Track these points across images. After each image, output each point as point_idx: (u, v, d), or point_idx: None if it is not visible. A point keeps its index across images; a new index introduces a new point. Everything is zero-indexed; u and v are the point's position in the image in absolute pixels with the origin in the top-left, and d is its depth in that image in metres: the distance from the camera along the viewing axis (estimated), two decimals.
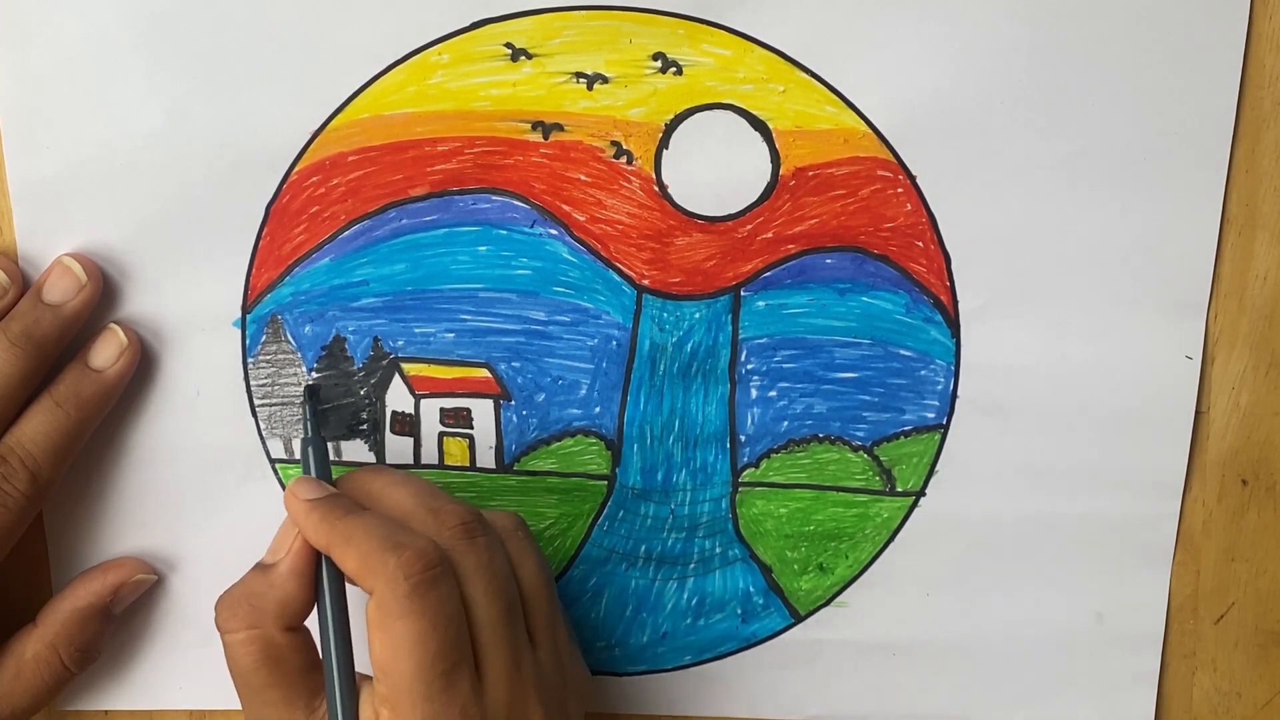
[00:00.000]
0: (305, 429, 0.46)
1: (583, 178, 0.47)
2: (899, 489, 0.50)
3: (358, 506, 0.43)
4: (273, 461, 0.49)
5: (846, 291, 0.48)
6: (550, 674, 0.43)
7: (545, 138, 0.47)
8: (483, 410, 0.49)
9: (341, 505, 0.42)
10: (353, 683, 0.42)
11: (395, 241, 0.48)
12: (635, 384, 0.49)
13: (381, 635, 0.40)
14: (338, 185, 0.47)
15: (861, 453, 0.50)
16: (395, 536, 0.41)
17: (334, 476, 0.45)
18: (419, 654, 0.39)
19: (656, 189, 0.47)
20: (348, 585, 0.43)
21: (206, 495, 0.49)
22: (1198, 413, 0.49)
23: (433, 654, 0.39)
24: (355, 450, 0.49)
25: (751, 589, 0.51)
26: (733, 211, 0.48)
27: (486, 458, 0.50)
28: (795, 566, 0.51)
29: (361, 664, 0.42)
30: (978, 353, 0.49)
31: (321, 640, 0.43)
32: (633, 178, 0.47)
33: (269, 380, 0.49)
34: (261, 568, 0.43)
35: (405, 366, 0.49)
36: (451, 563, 0.41)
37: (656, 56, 0.46)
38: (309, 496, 0.43)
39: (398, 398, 0.49)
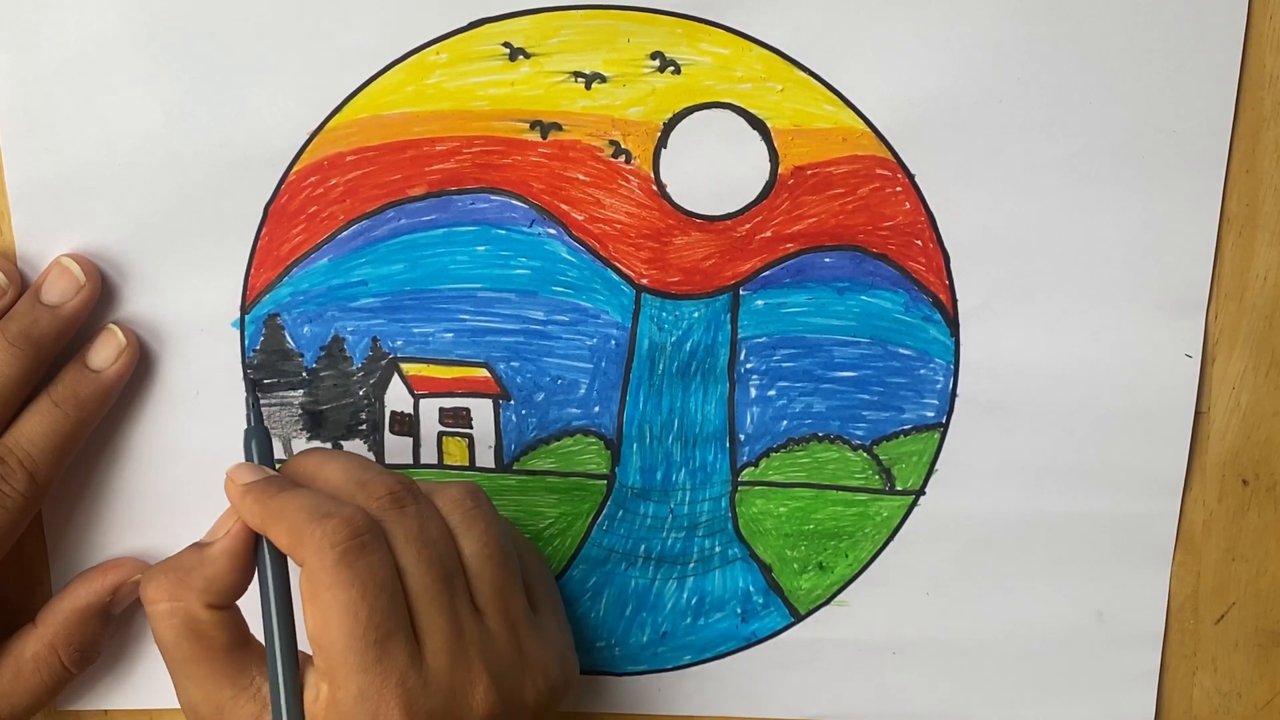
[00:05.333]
0: (249, 418, 0.45)
1: (581, 177, 0.47)
2: (899, 488, 0.50)
3: (292, 485, 0.43)
4: (273, 462, 0.49)
5: (845, 290, 0.48)
6: (502, 645, 0.42)
7: (543, 137, 0.47)
8: (482, 410, 0.49)
9: (275, 484, 0.42)
10: (295, 662, 0.42)
11: (394, 241, 0.48)
12: (634, 383, 0.49)
13: (312, 607, 0.40)
14: (336, 185, 0.47)
15: (861, 451, 0.50)
16: (323, 507, 0.40)
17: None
18: (349, 623, 0.39)
19: (655, 188, 0.47)
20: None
21: (205, 495, 0.49)
22: (1198, 413, 0.49)
23: (364, 623, 0.39)
24: (355, 450, 0.49)
25: (751, 588, 0.51)
26: (731, 210, 0.48)
27: (486, 457, 0.50)
28: (795, 565, 0.51)
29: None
30: (977, 351, 0.49)
31: (264, 621, 0.42)
32: (631, 177, 0.47)
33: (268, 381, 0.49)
34: (196, 546, 0.43)
35: (404, 366, 0.49)
36: (383, 532, 0.41)
37: (655, 56, 0.46)
38: (245, 480, 0.43)
39: (397, 398, 0.49)
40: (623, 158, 0.47)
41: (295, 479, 0.44)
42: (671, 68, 0.46)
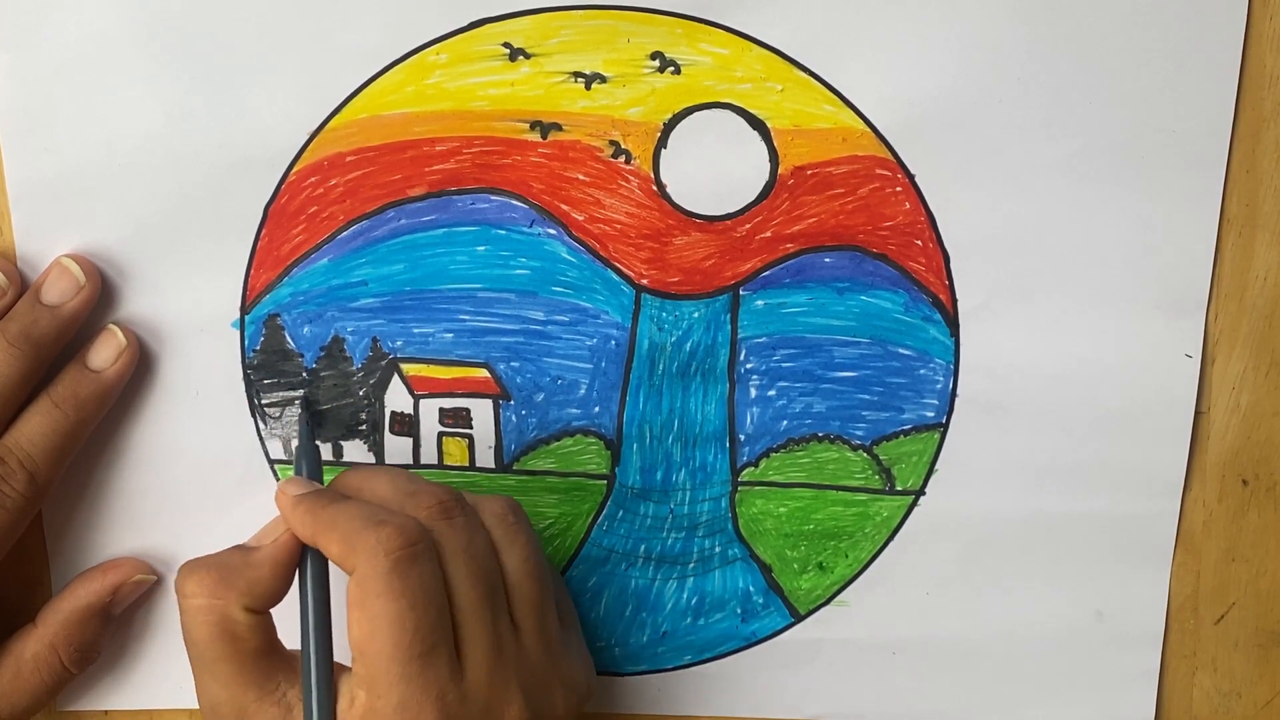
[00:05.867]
0: (300, 435, 0.46)
1: (581, 177, 0.47)
2: (898, 488, 0.50)
3: (342, 497, 0.43)
4: (272, 462, 0.49)
5: (845, 290, 0.48)
6: (536, 662, 0.43)
7: (543, 137, 0.47)
8: (482, 410, 0.49)
9: (326, 496, 0.43)
10: (330, 671, 0.42)
11: (394, 241, 0.48)
12: (634, 383, 0.49)
13: (360, 614, 0.40)
14: (336, 185, 0.47)
15: (861, 451, 0.50)
16: (377, 516, 0.41)
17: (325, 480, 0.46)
18: (396, 634, 0.39)
19: (655, 188, 0.47)
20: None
21: (206, 496, 0.49)
22: (1198, 413, 0.49)
23: (410, 634, 0.39)
24: (355, 451, 0.49)
25: (751, 588, 0.51)
26: (731, 211, 0.48)
27: (486, 458, 0.50)
28: (795, 565, 0.51)
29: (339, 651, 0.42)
30: (977, 351, 0.49)
31: (301, 631, 0.42)
32: (631, 177, 0.47)
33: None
34: (242, 548, 0.43)
35: (404, 367, 0.49)
36: (433, 543, 0.41)
37: (654, 56, 0.46)
38: (297, 492, 0.43)
39: (397, 398, 0.49)
40: (623, 158, 0.47)
41: (343, 493, 0.44)
42: (671, 68, 0.46)
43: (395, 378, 0.49)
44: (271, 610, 0.43)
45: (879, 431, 0.50)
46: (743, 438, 0.50)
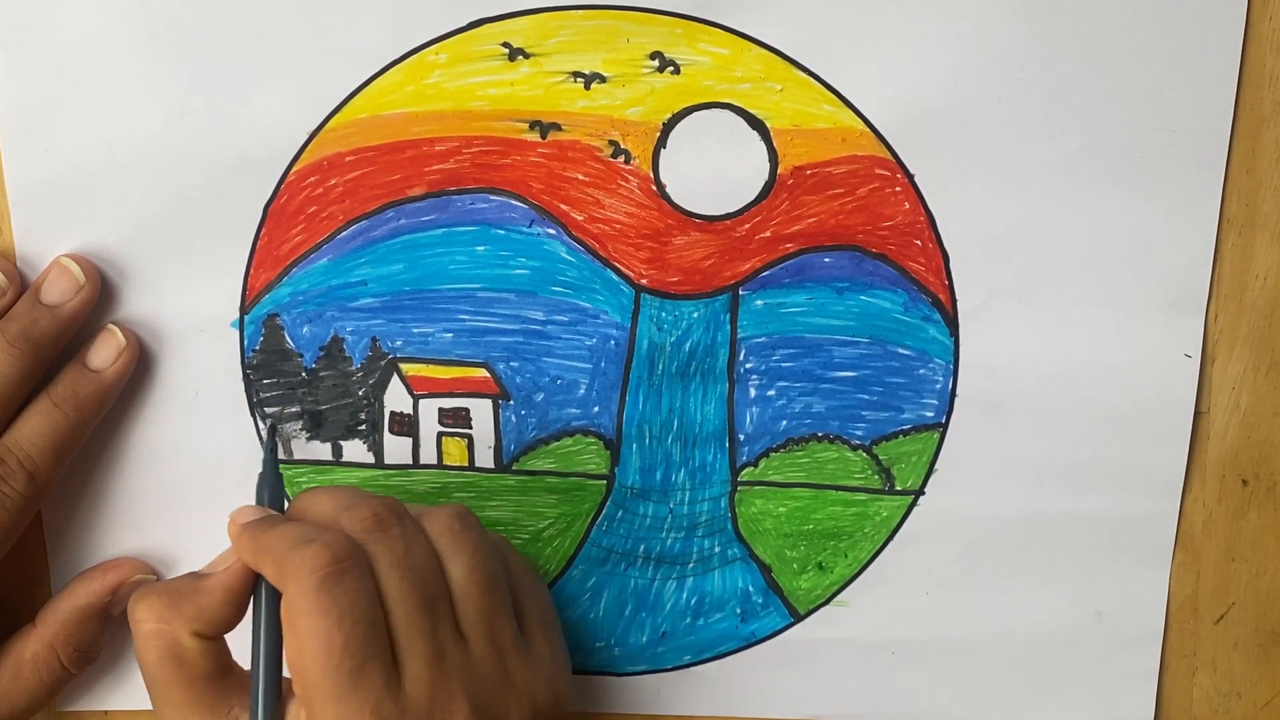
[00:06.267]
0: (265, 464, 0.45)
1: (580, 177, 0.47)
2: (898, 488, 0.50)
3: (284, 520, 0.43)
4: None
5: (845, 290, 0.48)
6: (486, 672, 0.42)
7: (543, 137, 0.47)
8: (481, 410, 0.49)
9: (269, 521, 0.42)
10: (278, 697, 0.42)
11: (393, 241, 0.48)
12: (634, 383, 0.49)
13: (291, 634, 0.40)
14: (335, 185, 0.47)
15: (860, 451, 0.50)
16: (307, 535, 0.41)
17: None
18: (324, 652, 0.39)
19: (654, 188, 0.47)
20: None
21: (205, 496, 0.49)
22: (1198, 413, 0.49)
23: (339, 652, 0.39)
24: (354, 450, 0.49)
25: (751, 588, 0.51)
26: (731, 211, 0.48)
27: (485, 458, 0.50)
28: (794, 565, 0.51)
29: None
30: (976, 351, 0.49)
31: (251, 660, 0.42)
32: (630, 177, 0.47)
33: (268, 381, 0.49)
34: (195, 574, 0.43)
35: (403, 366, 0.49)
36: (367, 556, 0.41)
37: (654, 56, 0.46)
38: (245, 520, 0.43)
39: (396, 398, 0.49)
40: (622, 158, 0.47)
41: (291, 516, 0.44)
42: (671, 68, 0.46)
43: (394, 378, 0.49)
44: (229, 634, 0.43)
45: (878, 431, 0.50)
46: (742, 437, 0.50)
